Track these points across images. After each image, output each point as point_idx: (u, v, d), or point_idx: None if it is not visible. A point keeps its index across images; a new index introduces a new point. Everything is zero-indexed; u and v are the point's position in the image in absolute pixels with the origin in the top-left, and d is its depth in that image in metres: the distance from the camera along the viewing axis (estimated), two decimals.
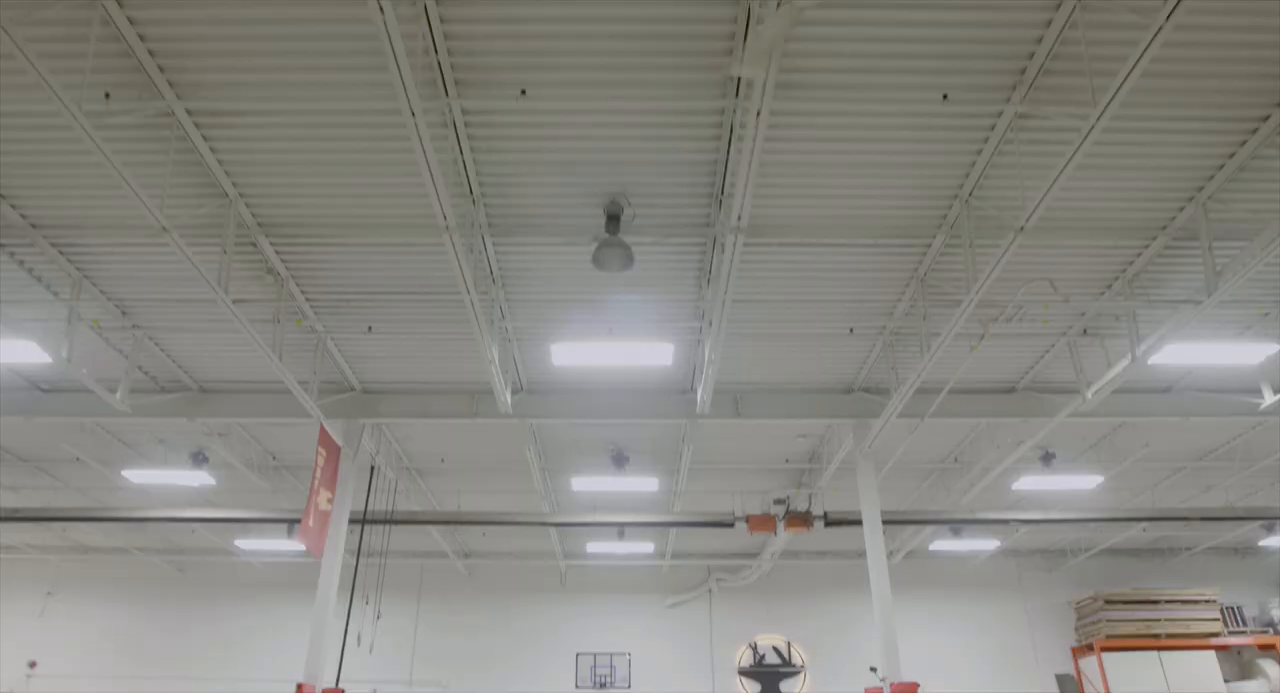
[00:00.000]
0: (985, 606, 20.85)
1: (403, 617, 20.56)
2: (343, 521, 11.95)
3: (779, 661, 20.00)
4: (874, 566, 11.67)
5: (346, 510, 12.13)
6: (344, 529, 11.96)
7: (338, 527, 11.82)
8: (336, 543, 11.78)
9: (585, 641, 20.18)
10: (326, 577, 11.61)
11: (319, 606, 11.45)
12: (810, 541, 19.55)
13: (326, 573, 11.63)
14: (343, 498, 12.05)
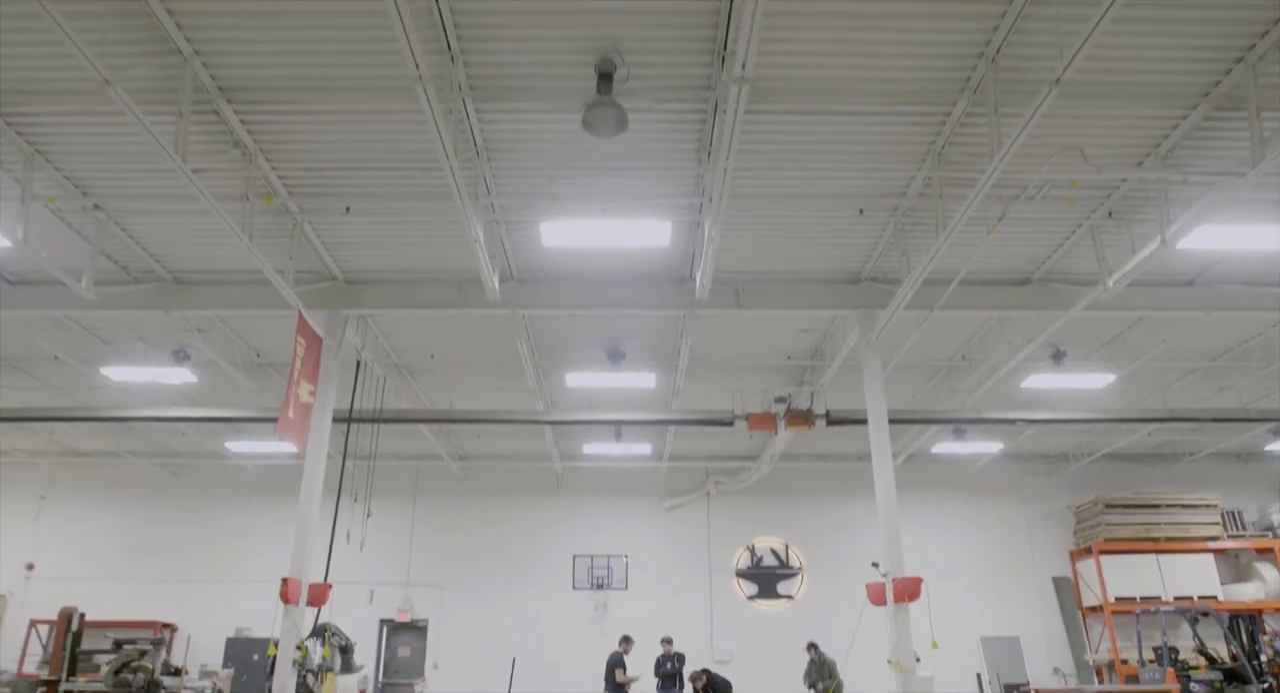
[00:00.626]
0: (985, 509, 20.70)
1: (398, 519, 20.40)
2: (326, 415, 11.51)
3: (777, 563, 19.94)
4: (878, 460, 11.28)
5: (330, 405, 11.68)
6: (328, 424, 11.53)
7: (321, 420, 11.38)
8: (320, 437, 11.36)
9: (582, 543, 20.09)
10: (311, 472, 11.23)
11: (304, 501, 11.11)
12: (810, 443, 19.23)
13: (311, 468, 11.25)
14: (326, 392, 11.58)
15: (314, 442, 11.28)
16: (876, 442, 11.36)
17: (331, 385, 11.72)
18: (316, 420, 11.35)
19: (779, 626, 19.08)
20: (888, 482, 11.12)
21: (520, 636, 19.20)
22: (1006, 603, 19.94)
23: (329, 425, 11.57)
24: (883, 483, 11.14)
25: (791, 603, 19.55)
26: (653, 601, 19.37)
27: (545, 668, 18.74)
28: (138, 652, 8.22)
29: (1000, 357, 13.69)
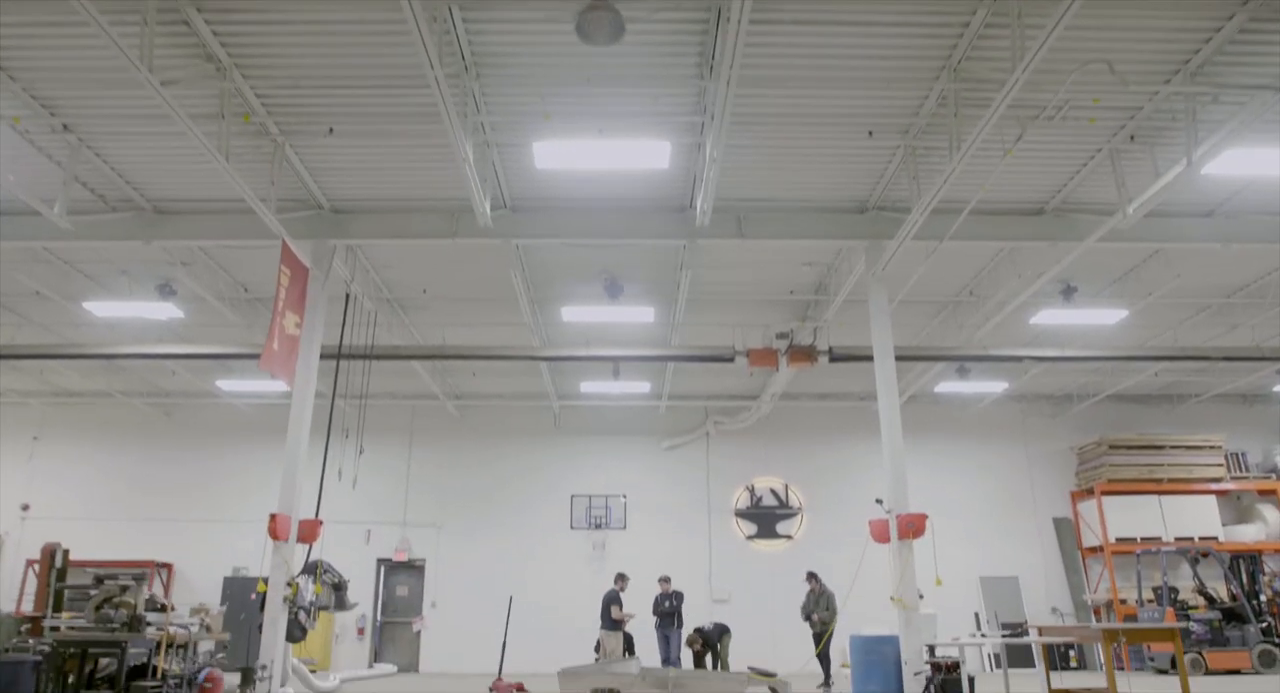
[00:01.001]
0: (987, 450, 20.51)
1: (395, 458, 20.22)
2: (314, 348, 11.15)
3: (776, 502, 19.80)
4: (883, 396, 10.96)
5: (318, 339, 11.31)
6: (315, 358, 11.17)
7: (308, 354, 11.02)
8: (308, 371, 11.01)
9: (580, 483, 19.92)
10: (299, 407, 10.91)
11: (291, 437, 10.81)
12: (811, 382, 18.95)
13: (299, 403, 10.92)
14: (313, 325, 11.20)
15: (302, 376, 10.93)
16: (882, 377, 11.02)
17: (319, 319, 11.33)
18: (304, 354, 10.99)
19: (778, 565, 19.00)
20: (893, 418, 10.82)
21: (518, 575, 19.11)
22: (1006, 544, 19.85)
23: (316, 360, 11.22)
24: (888, 419, 10.83)
25: (791, 543, 19.45)
26: (651, 541, 19.27)
27: (543, 607, 18.69)
28: (119, 587, 7.97)
29: (1010, 292, 13.29)
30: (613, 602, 14.33)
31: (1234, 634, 16.31)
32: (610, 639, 14.16)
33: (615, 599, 14.35)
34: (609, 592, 14.54)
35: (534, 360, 14.40)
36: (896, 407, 10.92)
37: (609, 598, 14.40)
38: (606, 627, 14.32)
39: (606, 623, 14.33)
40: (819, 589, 14.06)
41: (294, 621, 10.26)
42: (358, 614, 19.10)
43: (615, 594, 14.44)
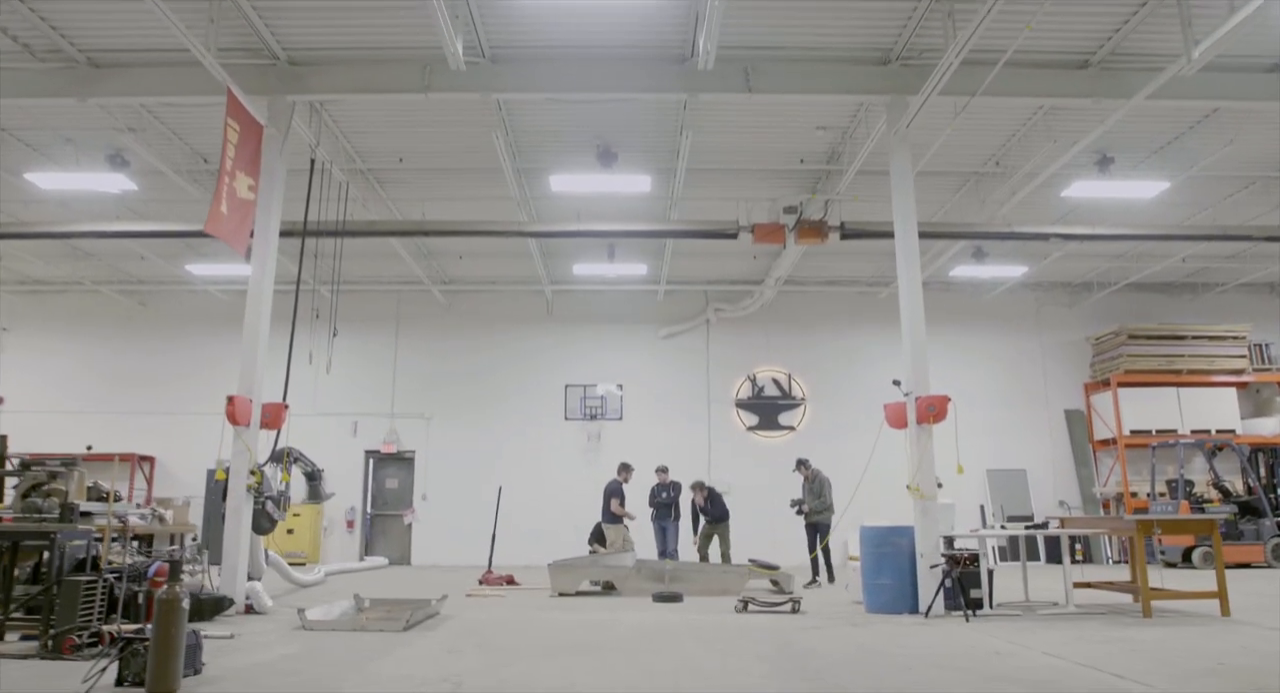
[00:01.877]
0: (1000, 340, 19.62)
1: (381, 347, 19.36)
2: (272, 216, 10.04)
3: (778, 393, 19.03)
4: (904, 266, 9.93)
5: (277, 204, 10.19)
6: (275, 226, 10.08)
7: (267, 222, 9.93)
8: (267, 241, 9.94)
9: (574, 372, 19.10)
10: (258, 280, 9.88)
11: (250, 312, 9.82)
12: (817, 267, 17.89)
13: (258, 275, 9.89)
14: (271, 189, 10.06)
15: (260, 247, 9.87)
16: (902, 246, 9.97)
17: (278, 184, 10.19)
18: (262, 223, 9.90)
19: (779, 457, 18.32)
20: (914, 292, 9.82)
21: (511, 467, 18.51)
22: (1016, 436, 19.19)
23: (277, 227, 10.12)
24: (908, 292, 9.83)
25: (793, 434, 18.76)
26: (648, 432, 18.58)
27: (537, 500, 18.16)
28: (47, 474, 7.13)
29: (1041, 161, 12.11)
30: (614, 495, 13.66)
31: (1248, 528, 15.78)
32: (612, 531, 13.55)
33: (616, 492, 13.68)
34: (610, 483, 13.86)
35: (521, 236, 13.30)
36: (918, 279, 9.90)
37: (610, 490, 13.73)
38: (607, 520, 13.68)
39: (606, 516, 13.69)
40: (811, 476, 13.20)
41: (260, 511, 9.50)
42: (346, 507, 18.61)
43: (617, 486, 13.76)
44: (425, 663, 6.24)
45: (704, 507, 13.56)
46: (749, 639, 7.40)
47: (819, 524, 12.87)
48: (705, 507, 13.54)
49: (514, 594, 11.75)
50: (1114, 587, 9.84)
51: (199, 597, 8.22)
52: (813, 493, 12.99)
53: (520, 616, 9.20)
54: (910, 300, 9.80)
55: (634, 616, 9.21)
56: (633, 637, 7.59)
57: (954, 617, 8.72)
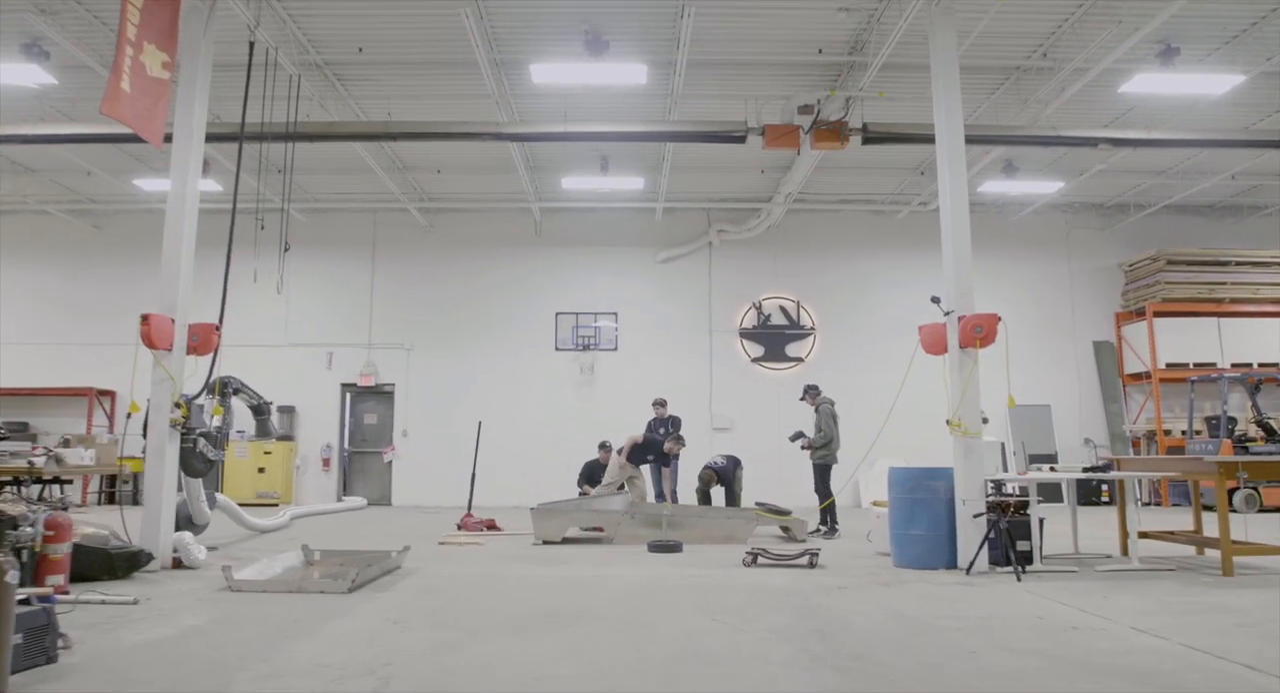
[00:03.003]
0: (1025, 266, 18.12)
1: (356, 273, 17.88)
2: (197, 100, 8.46)
3: (786, 322, 17.61)
4: (947, 161, 8.44)
5: (202, 89, 8.60)
6: (199, 113, 8.51)
7: (190, 106, 8.36)
8: (189, 131, 8.38)
9: (565, 299, 17.65)
10: (180, 174, 8.36)
11: (172, 217, 8.35)
12: (830, 183, 16.30)
13: (180, 169, 8.36)
14: (194, 70, 8.47)
15: (182, 137, 8.32)
16: (946, 136, 8.45)
17: (202, 66, 8.58)
18: (184, 105, 8.34)
19: (786, 390, 17.02)
20: (958, 193, 8.35)
21: (497, 401, 17.22)
22: (1040, 370, 17.83)
23: (202, 116, 8.56)
24: (952, 194, 8.37)
25: (801, 366, 17.40)
26: (645, 363, 17.22)
27: (526, 436, 16.92)
28: None
29: (1096, 51, 10.48)
30: (586, 478, 12.88)
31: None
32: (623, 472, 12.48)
33: (591, 476, 12.87)
34: (588, 463, 13.00)
35: (499, 140, 11.70)
36: (963, 179, 8.42)
37: (585, 471, 12.94)
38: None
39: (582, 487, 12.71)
40: (815, 405, 11.50)
41: (191, 450, 8.15)
42: (321, 444, 17.36)
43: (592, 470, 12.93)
44: (358, 643, 4.93)
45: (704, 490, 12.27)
46: (762, 604, 6.11)
47: (821, 465, 11.17)
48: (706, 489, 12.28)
49: (493, 542, 10.50)
50: (1177, 538, 8.58)
51: (108, 550, 6.92)
52: (817, 426, 11.42)
53: (493, 571, 7.93)
54: (954, 203, 8.32)
55: (626, 571, 7.94)
56: (622, 601, 6.30)
57: (1000, 574, 7.45)
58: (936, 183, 15.88)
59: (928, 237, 18.05)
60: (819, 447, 10.98)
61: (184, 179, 8.25)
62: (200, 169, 8.47)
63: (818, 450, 11.01)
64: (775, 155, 14.81)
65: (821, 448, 10.98)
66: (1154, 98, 11.93)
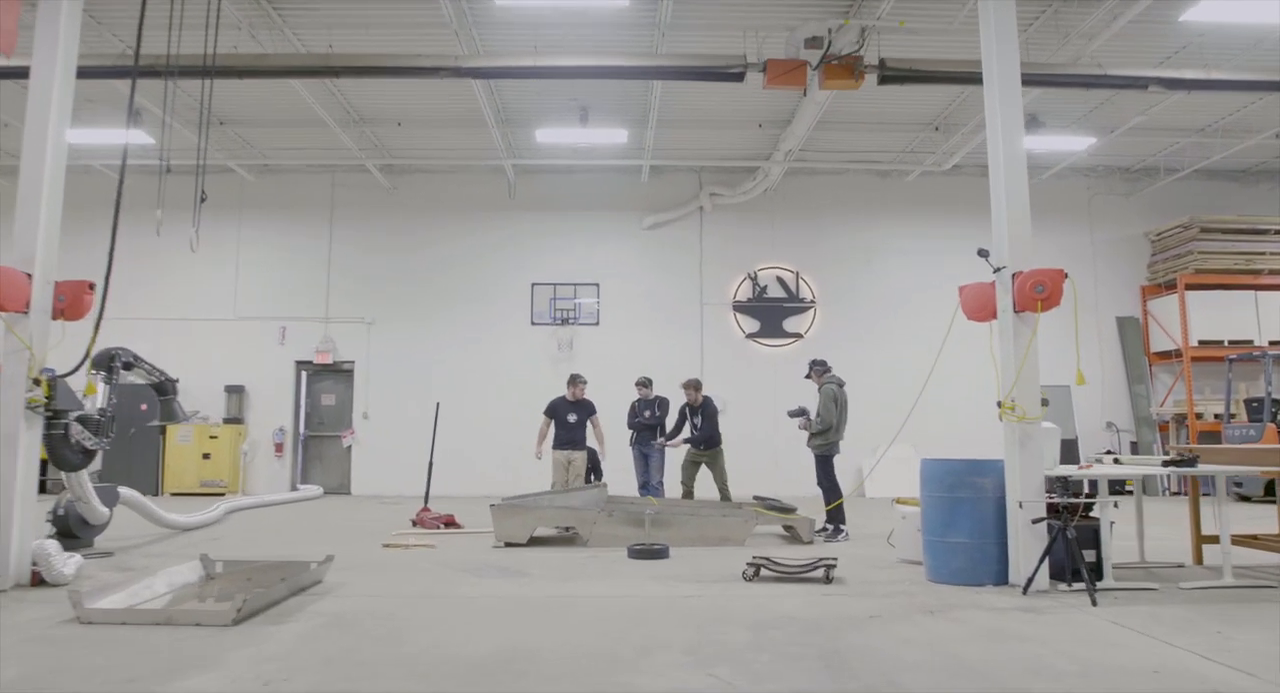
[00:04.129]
0: (1043, 235, 16.14)
1: (312, 239, 16.22)
2: (66, 15, 6.81)
3: (784, 294, 16.07)
4: (998, 81, 6.85)
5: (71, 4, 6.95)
6: (72, 34, 6.86)
7: (52, 22, 6.71)
8: (53, 45, 6.73)
9: (542, 269, 16.05)
10: (38, 96, 6.71)
11: (29, 150, 6.69)
12: (835, 141, 14.71)
13: (38, 88, 6.72)
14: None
15: (46, 43, 6.68)
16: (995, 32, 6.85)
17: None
18: (48, 21, 6.70)
19: (784, 369, 15.55)
20: (1013, 121, 6.79)
21: (467, 380, 15.67)
22: (1058, 347, 16.26)
23: (73, 33, 6.91)
24: (1006, 122, 6.79)
25: (800, 343, 15.88)
26: (629, 339, 15.66)
27: (501, 418, 15.36)
28: None
29: None
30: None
31: None
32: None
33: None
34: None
35: (458, 76, 10.05)
36: (1016, 98, 6.86)
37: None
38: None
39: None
40: (821, 383, 9.74)
41: (62, 438, 6.57)
42: (274, 428, 15.76)
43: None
44: None
45: (695, 411, 10.59)
46: (776, 648, 4.59)
47: (821, 455, 9.47)
48: (695, 419, 10.59)
49: (448, 543, 8.97)
50: (1263, 543, 7.13)
51: None
52: (822, 405, 9.57)
53: (434, 588, 6.39)
54: (1007, 130, 6.78)
55: (598, 587, 6.42)
56: (589, 641, 4.78)
57: (1064, 594, 5.97)
58: (952, 140, 14.50)
59: (942, 201, 16.63)
60: (815, 433, 9.43)
61: (45, 103, 6.59)
62: (69, 88, 6.82)
63: (814, 437, 9.47)
64: (775, 107, 13.25)
65: (818, 435, 9.43)
66: (1217, 31, 10.36)
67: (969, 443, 15.94)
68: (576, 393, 10.90)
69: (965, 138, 13.99)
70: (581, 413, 10.78)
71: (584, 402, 10.89)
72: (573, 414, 10.75)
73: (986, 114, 6.97)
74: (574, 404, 10.85)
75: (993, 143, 6.82)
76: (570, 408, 10.83)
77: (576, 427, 10.73)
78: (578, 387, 10.91)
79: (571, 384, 10.95)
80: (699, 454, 10.63)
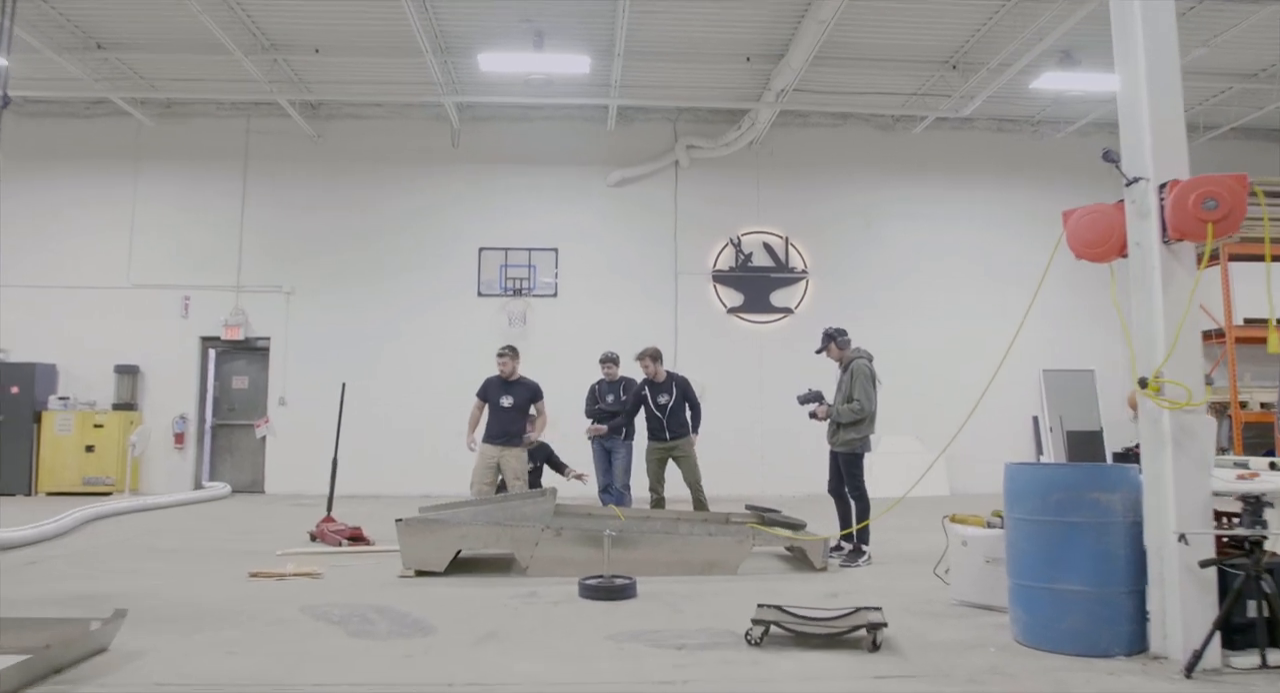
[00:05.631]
0: (1064, 199, 14.29)
1: (222, 195, 13.81)
2: None
3: (772, 263, 13.92)
4: None
5: None
6: None
7: None
8: None
9: (492, 231, 13.76)
10: None
11: None
12: (835, 79, 12.51)
13: None
14: None
15: None
16: None
17: None
18: None
19: (771, 349, 13.49)
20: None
21: (403, 360, 13.44)
22: (1080, 327, 14.37)
23: None
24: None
25: (790, 319, 13.78)
26: (592, 312, 13.45)
27: (442, 406, 13.12)
28: None
29: None
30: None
31: None
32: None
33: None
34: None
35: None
36: None
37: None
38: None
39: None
40: (844, 359, 7.60)
41: None
42: (174, 415, 13.38)
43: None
44: None
45: (659, 389, 8.40)
46: None
47: (849, 454, 7.31)
48: (660, 398, 8.38)
49: (342, 569, 6.74)
50: None
51: None
52: (840, 392, 7.50)
53: (271, 671, 4.13)
54: None
55: (530, 661, 4.22)
56: None
57: (1246, 674, 3.86)
58: (972, 81, 12.35)
59: (952, 158, 14.52)
60: (846, 423, 7.27)
61: None
62: None
63: (843, 431, 7.31)
64: (768, 36, 11.12)
65: (849, 428, 7.28)
66: None
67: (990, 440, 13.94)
68: (506, 370, 8.51)
69: (987, 78, 11.90)
70: (519, 396, 8.40)
71: (523, 381, 8.54)
72: (507, 397, 8.39)
73: None
74: (508, 385, 8.45)
75: (1131, 13, 4.63)
76: (504, 389, 8.44)
77: (512, 415, 8.34)
78: (507, 362, 8.50)
79: (503, 359, 8.55)
80: (664, 447, 8.42)
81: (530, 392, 8.46)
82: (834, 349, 7.69)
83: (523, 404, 8.40)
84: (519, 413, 8.37)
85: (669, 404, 8.33)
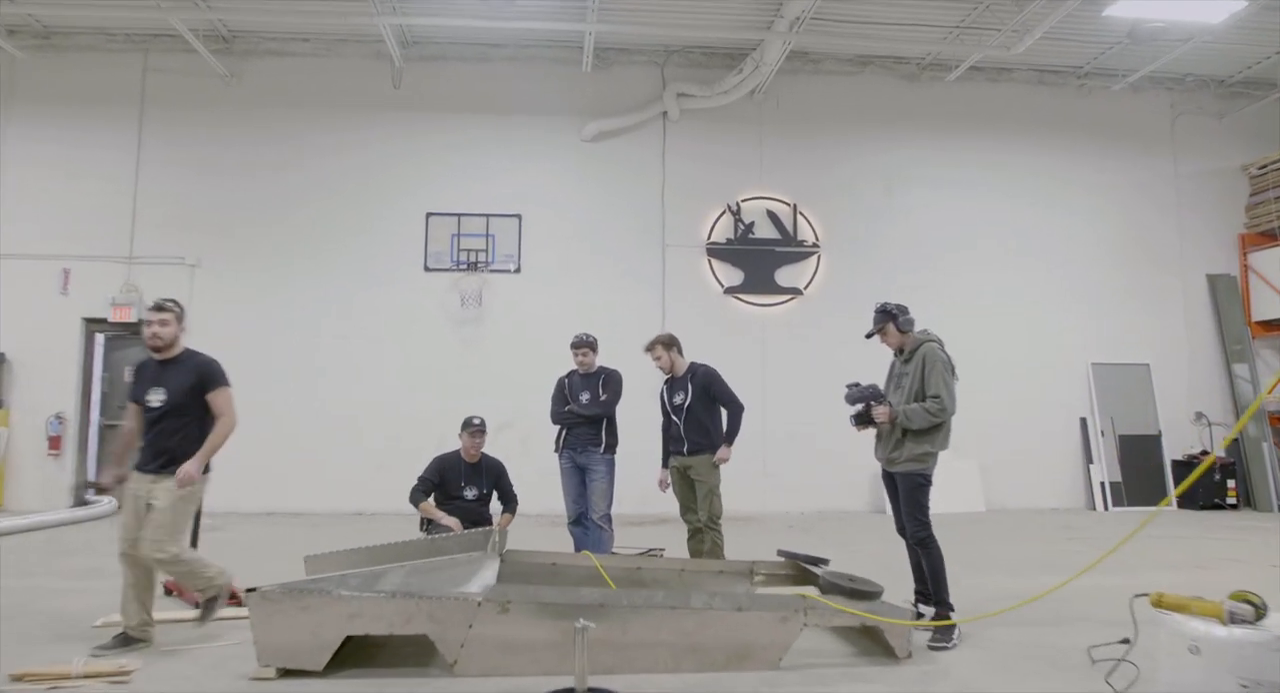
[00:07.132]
0: (1114, 167, 12.56)
1: (111, 149, 11.38)
2: None
3: (777, 234, 11.71)
4: None
5: None
6: None
7: None
8: None
9: (442, 195, 11.44)
10: None
11: None
12: (857, 10, 10.34)
13: None
14: None
15: None
16: None
17: None
18: None
19: (776, 335, 11.37)
20: None
21: (335, 347, 11.13)
22: (1134, 315, 12.38)
23: None
24: None
25: (798, 301, 11.61)
26: (562, 291, 11.21)
27: (379, 403, 10.87)
28: None
29: None
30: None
31: None
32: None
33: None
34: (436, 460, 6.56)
35: None
36: None
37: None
38: None
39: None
40: (907, 350, 5.26)
41: None
42: (48, 415, 10.94)
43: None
44: None
45: (676, 387, 6.25)
46: None
47: (917, 475, 4.97)
48: (675, 399, 6.22)
49: (168, 660, 4.39)
50: None
51: None
52: (903, 389, 5.15)
53: None
54: None
55: None
56: None
57: None
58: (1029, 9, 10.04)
59: (988, 114, 12.28)
60: (919, 429, 4.97)
61: None
62: None
63: (910, 442, 5.01)
64: None
65: (923, 437, 4.98)
66: None
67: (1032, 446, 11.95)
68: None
69: (1048, 7, 9.72)
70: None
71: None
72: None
73: None
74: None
75: None
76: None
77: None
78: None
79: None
80: (680, 464, 6.22)
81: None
82: (893, 332, 5.35)
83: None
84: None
85: (685, 404, 6.11)
